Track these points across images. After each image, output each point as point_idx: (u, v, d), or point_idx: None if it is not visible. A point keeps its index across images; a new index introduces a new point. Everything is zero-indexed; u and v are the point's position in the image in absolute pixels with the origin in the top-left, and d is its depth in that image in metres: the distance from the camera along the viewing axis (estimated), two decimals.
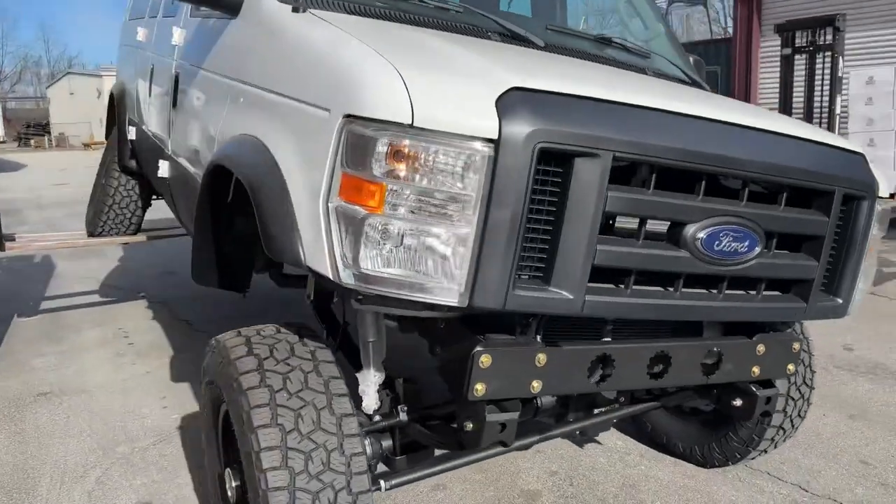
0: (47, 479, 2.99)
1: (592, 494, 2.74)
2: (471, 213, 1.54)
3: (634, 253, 1.71)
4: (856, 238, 2.09)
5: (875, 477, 2.84)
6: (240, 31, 2.33)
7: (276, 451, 1.74)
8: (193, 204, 2.81)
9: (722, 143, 1.80)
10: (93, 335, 4.98)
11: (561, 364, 1.83)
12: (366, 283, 1.60)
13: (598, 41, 2.64)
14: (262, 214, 1.78)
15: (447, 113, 1.53)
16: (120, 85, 4.77)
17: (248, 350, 1.92)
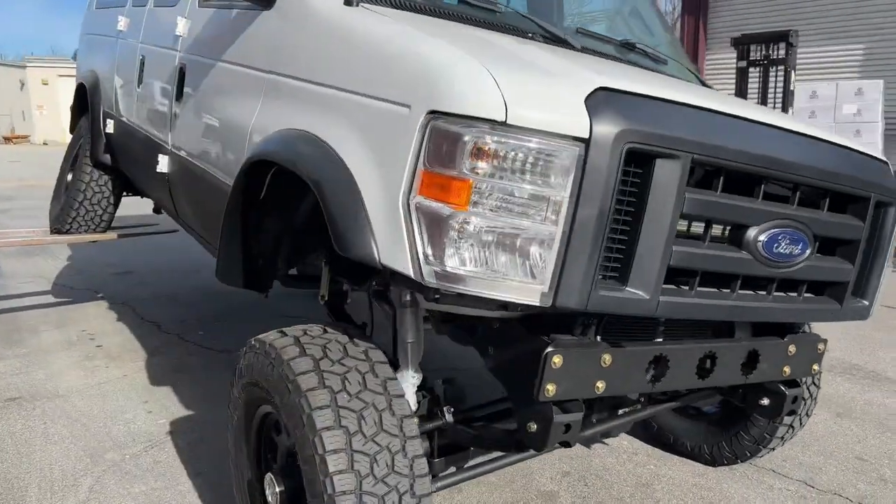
0: (34, 488, 2.83)
1: (608, 494, 2.77)
2: (559, 213, 1.54)
3: (706, 254, 1.74)
4: (883, 243, 2.18)
5: (873, 472, 2.96)
6: (276, 24, 2.25)
7: (341, 454, 1.68)
8: (203, 198, 2.72)
9: (781, 147, 1.85)
10: (54, 337, 4.74)
11: (623, 364, 1.84)
12: (447, 281, 1.57)
13: (622, 46, 2.67)
14: (330, 212, 1.72)
15: (539, 111, 1.52)
16: (92, 76, 4.56)
17: (300, 350, 1.86)
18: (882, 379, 4.10)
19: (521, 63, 1.74)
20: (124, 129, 3.92)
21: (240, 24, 2.48)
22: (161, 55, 3.27)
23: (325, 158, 1.80)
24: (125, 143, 3.95)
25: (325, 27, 2.03)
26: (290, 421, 1.78)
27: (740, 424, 2.83)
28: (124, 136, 3.93)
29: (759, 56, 8.23)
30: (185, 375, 4.05)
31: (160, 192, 3.34)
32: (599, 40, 2.59)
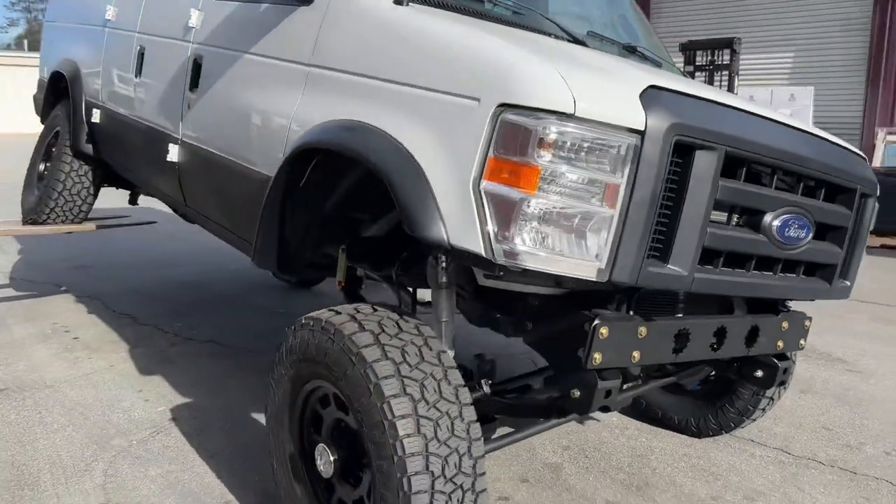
0: (46, 474, 2.83)
1: (608, 464, 2.99)
2: (617, 197, 1.72)
3: (732, 236, 1.96)
4: (863, 230, 2.45)
5: (839, 439, 3.28)
6: (316, 20, 2.35)
7: (409, 418, 1.82)
8: (230, 187, 2.80)
9: (793, 143, 2.09)
10: (26, 330, 4.66)
11: (655, 336, 2.04)
12: (515, 259, 1.73)
13: (625, 48, 2.89)
14: (400, 197, 1.85)
15: (602, 106, 1.70)
16: (70, 65, 4.50)
17: (360, 326, 1.98)
18: (834, 359, 4.48)
19: (578, 62, 1.92)
20: (115, 119, 3.91)
21: (270, 19, 2.57)
22: (167, 46, 3.30)
23: (391, 147, 1.93)
24: (115, 132, 3.94)
25: (377, 25, 2.15)
26: (355, 391, 1.90)
27: (726, 398, 3.09)
28: (114, 125, 3.92)
29: (704, 61, 8.70)
30: (173, 365, 4.08)
31: (165, 181, 3.37)
32: (608, 42, 2.79)
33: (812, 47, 12.48)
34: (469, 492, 1.88)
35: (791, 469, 3.00)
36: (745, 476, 2.92)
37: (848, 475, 2.96)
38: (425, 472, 1.80)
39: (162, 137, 3.27)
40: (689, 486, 2.83)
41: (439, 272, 2.17)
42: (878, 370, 4.31)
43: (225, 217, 2.91)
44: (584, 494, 2.74)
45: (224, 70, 2.82)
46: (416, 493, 1.78)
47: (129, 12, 3.82)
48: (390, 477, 1.81)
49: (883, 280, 7.04)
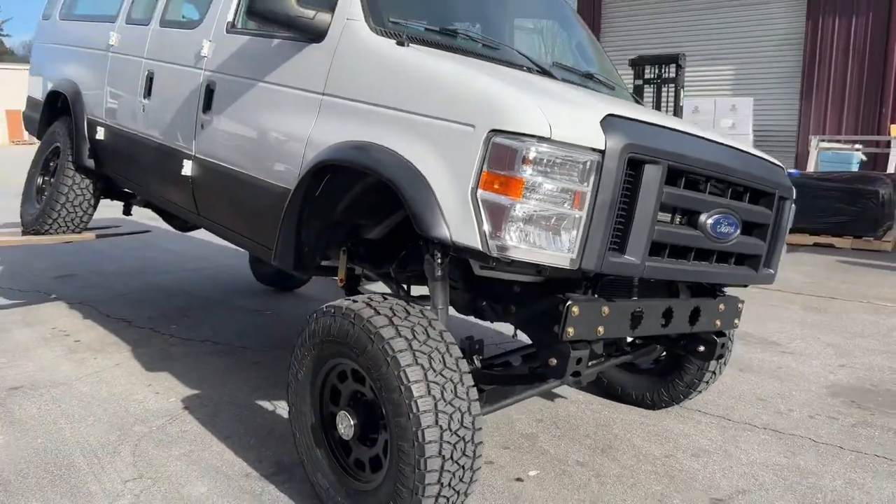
0: (79, 457, 3.16)
1: (577, 433, 3.46)
2: (584, 202, 2.19)
3: (674, 232, 2.45)
4: (782, 227, 2.97)
5: (772, 408, 3.81)
6: (328, 55, 2.77)
7: (422, 383, 2.24)
8: (246, 198, 3.20)
9: (721, 157, 2.59)
10: (27, 335, 4.94)
11: (615, 314, 2.52)
12: (506, 252, 2.19)
13: (584, 75, 3.38)
14: (410, 203, 2.29)
15: (572, 130, 2.16)
16: (70, 85, 4.81)
17: (375, 311, 2.41)
18: (770, 343, 5.05)
19: (551, 95, 2.38)
20: (120, 136, 4.25)
21: (283, 52, 2.99)
22: (178, 72, 3.68)
23: (399, 163, 2.37)
24: (121, 148, 4.28)
25: (384, 62, 2.59)
26: (374, 364, 2.30)
27: (675, 374, 3.59)
28: (120, 142, 4.27)
29: (653, 75, 9.33)
30: (177, 362, 4.42)
31: (177, 193, 3.74)
32: (570, 71, 3.28)
33: (751, 60, 13.32)
34: (469, 443, 2.31)
35: (731, 432, 3.51)
36: (692, 438, 3.42)
37: (777, 435, 3.48)
38: (435, 425, 2.22)
39: (174, 154, 3.65)
40: (645, 447, 3.32)
41: (435, 267, 2.60)
42: (805, 351, 4.88)
43: (241, 224, 3.30)
44: (557, 457, 3.20)
45: (238, 95, 3.22)
46: (429, 442, 2.20)
47: (134, 39, 4.18)
48: (406, 430, 2.23)
49: (815, 275, 7.71)
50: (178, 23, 3.85)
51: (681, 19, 13.98)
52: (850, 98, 12.46)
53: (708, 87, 13.42)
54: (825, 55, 12.50)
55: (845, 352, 4.87)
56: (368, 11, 2.73)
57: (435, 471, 2.23)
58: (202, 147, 3.45)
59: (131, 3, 4.37)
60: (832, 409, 3.83)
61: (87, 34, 4.77)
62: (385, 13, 2.77)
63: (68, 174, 4.72)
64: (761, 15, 13.29)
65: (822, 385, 4.20)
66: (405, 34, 2.67)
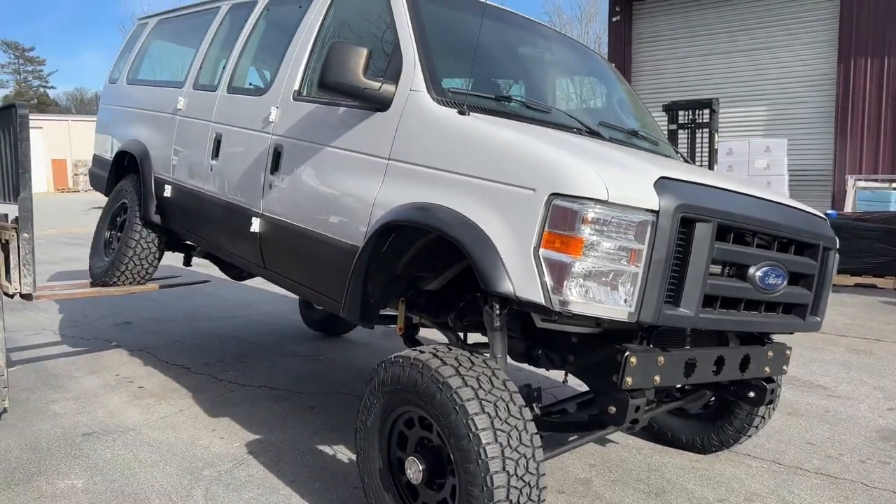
0: (155, 499, 3.33)
1: (630, 477, 3.55)
2: (640, 259, 2.35)
3: (725, 285, 2.59)
4: (827, 276, 3.09)
5: (822, 452, 3.87)
6: (393, 123, 2.99)
7: (489, 430, 2.38)
8: (313, 254, 3.40)
9: (767, 212, 2.74)
10: (93, 382, 5.18)
11: (670, 364, 2.65)
12: (567, 306, 2.35)
13: (629, 133, 3.57)
14: (476, 261, 2.47)
15: (628, 192, 2.34)
16: (138, 146, 5.12)
17: (442, 362, 2.57)
18: (815, 386, 5.08)
19: (605, 159, 2.56)
20: (187, 194, 4.52)
21: (349, 120, 3.22)
22: (245, 135, 3.94)
23: (464, 223, 2.56)
24: (188, 205, 4.55)
25: (446, 129, 2.80)
26: (443, 412, 2.45)
27: (725, 418, 3.68)
28: (187, 199, 4.53)
29: (686, 120, 9.50)
30: (237, 407, 4.61)
31: (244, 247, 3.97)
32: (615, 129, 3.47)
33: (784, 101, 13.42)
34: (535, 488, 2.44)
35: (783, 476, 3.57)
36: (744, 483, 3.49)
37: (830, 479, 3.53)
38: (503, 471, 2.36)
39: (242, 212, 3.89)
40: (698, 491, 3.40)
41: (494, 318, 2.76)
42: (853, 394, 4.91)
43: (308, 277, 3.51)
44: (612, 501, 3.29)
45: (305, 158, 3.45)
46: (497, 487, 2.34)
47: (202, 103, 4.48)
48: (476, 476, 2.37)
49: (858, 316, 7.69)
50: (245, 89, 4.13)
51: (711, 62, 14.18)
52: (886, 136, 12.47)
53: (741, 129, 13.53)
54: (858, 94, 12.56)
55: (893, 395, 4.89)
56: (430, 83, 2.96)
57: None
58: (270, 206, 3.69)
59: (198, 71, 4.68)
60: (883, 453, 3.87)
61: (155, 98, 5.10)
62: (445, 83, 2.99)
63: (136, 229, 5.00)
64: (792, 56, 13.44)
65: (872, 429, 4.23)
66: (465, 103, 2.88)
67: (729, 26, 14.09)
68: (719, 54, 14.09)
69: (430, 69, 2.99)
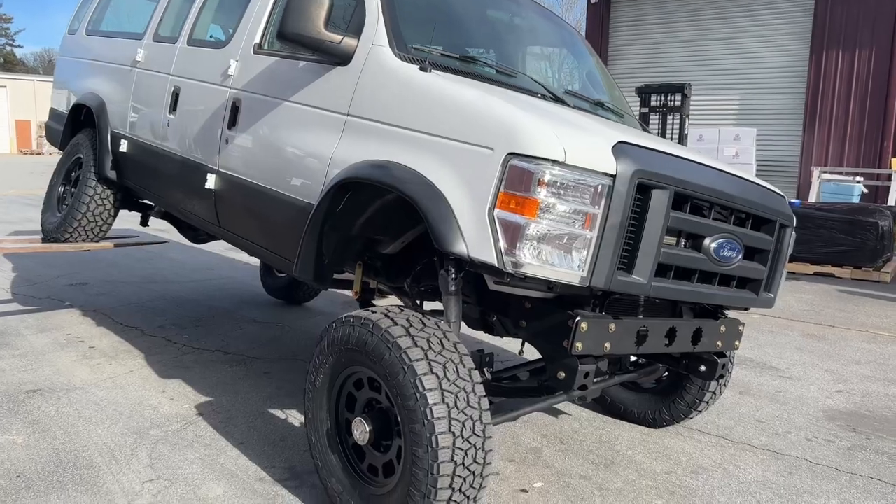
0: (98, 457, 3.26)
1: (581, 447, 3.56)
2: (595, 223, 2.32)
3: (679, 254, 2.57)
4: (783, 253, 3.10)
5: (770, 430, 3.92)
6: (353, 78, 2.92)
7: (437, 391, 2.35)
8: (268, 212, 3.32)
9: (725, 184, 2.72)
10: (43, 340, 5.05)
11: (622, 332, 2.64)
12: (519, 268, 2.31)
13: (594, 103, 3.53)
14: (430, 219, 2.42)
15: (585, 155, 2.30)
16: (95, 99, 4.97)
17: (392, 322, 2.53)
18: (769, 368, 5.15)
19: (565, 121, 2.52)
20: (144, 149, 4.40)
21: (309, 74, 3.14)
22: (203, 88, 3.83)
23: (420, 181, 2.50)
24: (144, 161, 4.42)
25: (407, 86, 2.73)
26: (392, 372, 2.41)
27: (676, 393, 3.70)
28: (143, 154, 4.41)
29: (658, 103, 9.51)
30: (189, 371, 4.53)
31: (199, 205, 3.87)
32: (582, 99, 3.43)
33: (755, 91, 13.53)
34: (480, 450, 2.41)
35: (730, 451, 3.61)
36: (692, 456, 3.52)
37: (775, 455, 3.58)
38: (448, 432, 2.33)
39: (198, 167, 3.78)
40: (646, 463, 3.42)
41: (450, 282, 2.72)
42: (804, 376, 4.99)
43: (262, 236, 3.43)
44: (561, 470, 3.30)
45: (263, 113, 3.36)
46: (442, 448, 2.31)
47: (161, 56, 4.34)
48: (421, 436, 2.33)
49: (814, 303, 7.82)
50: (206, 42, 4.01)
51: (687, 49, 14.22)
52: (853, 130, 12.64)
53: (712, 116, 13.63)
54: (828, 87, 12.70)
55: (842, 378, 4.98)
56: (393, 38, 2.88)
57: (447, 475, 2.34)
58: (226, 162, 3.59)
59: (159, 22, 4.54)
60: (829, 432, 3.93)
61: (113, 50, 4.94)
62: (409, 40, 2.92)
63: (90, 184, 4.86)
64: (766, 47, 13.52)
65: (820, 409, 4.30)
66: (427, 60, 2.81)
67: (705, 14, 14.14)
68: (695, 41, 14.15)
69: (393, 24, 2.92)
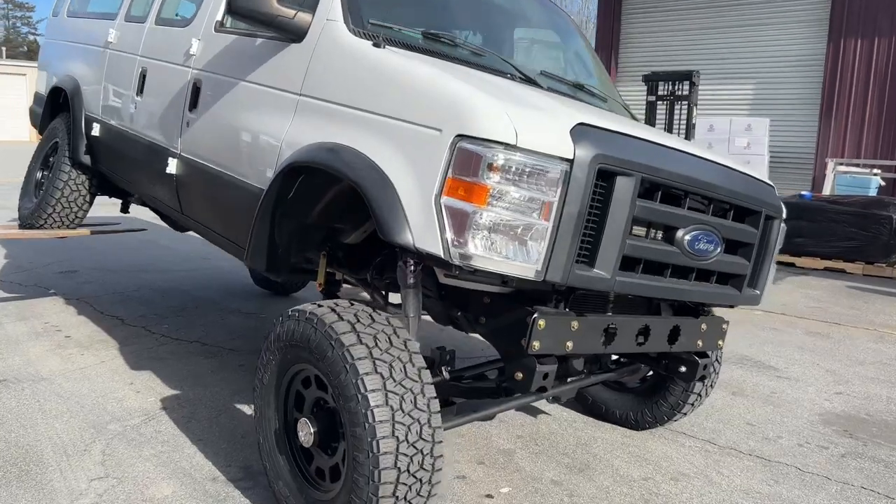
0: (49, 452, 3.13)
1: (556, 450, 3.37)
2: (550, 212, 2.12)
3: (648, 247, 2.37)
4: (770, 247, 2.89)
5: (759, 434, 3.71)
6: (306, 55, 2.74)
7: (380, 392, 2.18)
8: (224, 198, 3.16)
9: (702, 171, 2.51)
10: (19, 329, 4.95)
11: (586, 330, 2.44)
12: (468, 261, 2.12)
13: (573, 86, 3.32)
14: (374, 206, 2.24)
15: (539, 138, 2.10)
16: (70, 81, 4.83)
17: (338, 317, 2.35)
18: (767, 367, 4.92)
19: (521, 101, 2.32)
20: (114, 133, 4.25)
21: (264, 52, 2.96)
22: (168, 69, 3.67)
23: (367, 165, 2.32)
24: (114, 145, 4.28)
25: (357, 63, 2.55)
26: (333, 370, 2.25)
27: (659, 394, 3.50)
28: (114, 139, 4.26)
29: (666, 92, 9.23)
30: (162, 362, 4.39)
31: (162, 190, 3.72)
32: (558, 81, 3.22)
33: (770, 81, 13.13)
34: (428, 455, 2.24)
35: (715, 456, 3.40)
36: (674, 462, 3.32)
37: (763, 462, 3.37)
38: (391, 436, 2.16)
39: (161, 151, 3.63)
40: (624, 469, 3.22)
41: (407, 274, 2.54)
42: (803, 376, 4.76)
43: (219, 223, 3.27)
44: (532, 475, 3.11)
45: (221, 94, 3.19)
46: (384, 453, 2.14)
47: (131, 36, 4.18)
48: (362, 440, 2.16)
49: (822, 300, 7.55)
50: (172, 21, 3.85)
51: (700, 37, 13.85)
52: (870, 121, 12.24)
53: (725, 106, 13.26)
54: (846, 78, 12.30)
55: (844, 379, 4.74)
56: (348, 12, 2.70)
57: (390, 483, 2.17)
58: (186, 145, 3.43)
59: (131, 1, 4.38)
60: (823, 437, 3.71)
61: (89, 31, 4.79)
62: (366, 15, 2.73)
63: (64, 169, 4.73)
64: (782, 35, 13.12)
65: (816, 412, 4.08)
66: (383, 36, 2.62)
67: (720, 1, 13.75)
68: (709, 29, 13.76)
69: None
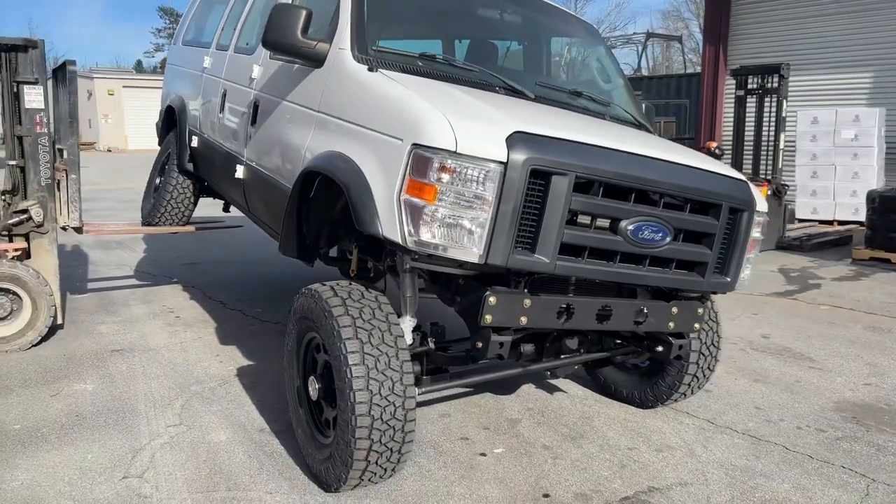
0: (142, 404, 3.92)
1: (558, 422, 3.76)
2: (488, 206, 2.55)
3: (587, 236, 2.74)
4: (738, 237, 3.12)
5: (763, 416, 3.88)
6: (324, 78, 3.33)
7: (357, 353, 2.70)
8: (271, 197, 3.80)
9: (644, 169, 2.83)
10: (142, 310, 5.91)
11: (539, 307, 2.84)
12: (421, 247, 2.60)
13: (572, 93, 3.68)
14: (354, 203, 2.77)
15: (477, 144, 2.54)
16: (179, 101, 5.72)
17: (334, 293, 2.90)
18: (803, 358, 4.97)
19: (467, 113, 2.76)
20: (207, 144, 5.05)
21: (299, 75, 3.57)
22: (240, 90, 4.38)
23: (352, 170, 2.86)
24: (207, 155, 5.08)
25: (355, 83, 3.10)
26: (328, 337, 2.80)
27: (658, 375, 3.78)
28: (207, 149, 5.06)
29: (755, 86, 9.09)
30: (248, 339, 5.15)
31: (235, 192, 4.45)
32: (554, 90, 3.60)
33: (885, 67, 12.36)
34: (400, 408, 2.74)
35: (707, 433, 3.65)
36: (664, 436, 3.60)
37: (752, 440, 3.57)
38: (366, 389, 2.67)
39: (233, 159, 4.36)
40: (614, 439, 3.56)
41: (405, 261, 3.04)
42: (837, 368, 4.76)
43: (270, 219, 3.93)
44: (528, 440, 3.53)
45: (270, 111, 3.85)
46: (359, 402, 2.66)
47: (218, 62, 4.96)
48: (343, 393, 2.70)
49: None
50: (244, 49, 4.56)
51: (811, 25, 13.25)
52: None
53: (836, 96, 12.64)
54: None
55: (881, 372, 4.72)
56: (355, 42, 3.24)
57: (364, 427, 2.68)
58: (249, 154, 4.12)
59: (220, 32, 5.16)
60: (826, 422, 3.83)
61: (193, 58, 5.65)
62: (371, 43, 3.26)
63: (173, 175, 5.62)
64: None
65: (833, 400, 4.16)
66: (382, 60, 3.14)
67: None
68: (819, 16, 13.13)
69: (358, 29, 3.27)
